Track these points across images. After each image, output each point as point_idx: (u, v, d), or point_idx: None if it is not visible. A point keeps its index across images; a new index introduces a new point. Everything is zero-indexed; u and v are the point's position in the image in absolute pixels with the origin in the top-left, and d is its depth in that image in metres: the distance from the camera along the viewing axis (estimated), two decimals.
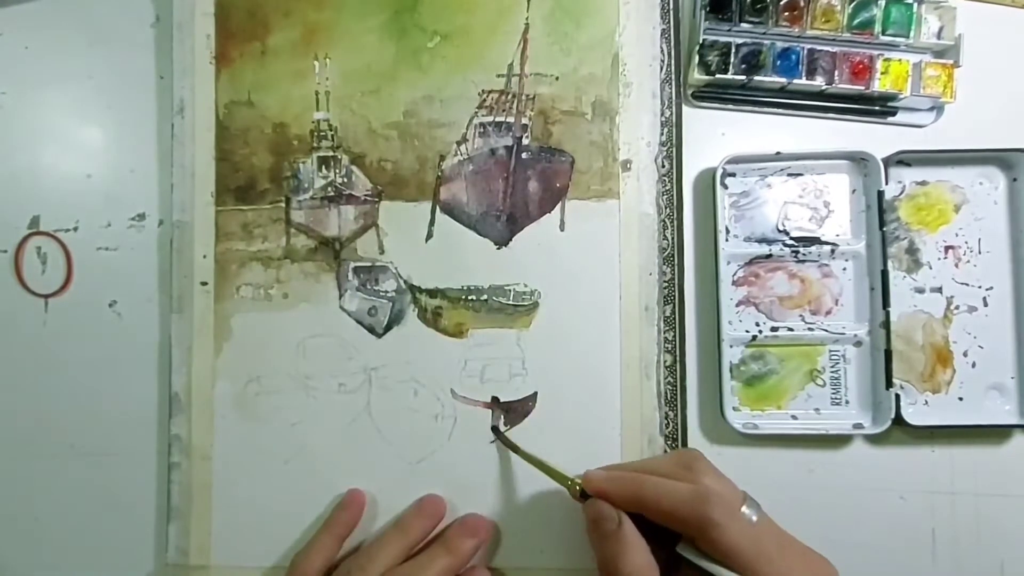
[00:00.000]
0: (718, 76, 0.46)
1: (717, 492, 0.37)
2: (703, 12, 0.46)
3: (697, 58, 0.46)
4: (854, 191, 0.47)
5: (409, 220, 0.48)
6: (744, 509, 0.37)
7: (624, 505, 0.39)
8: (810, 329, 0.47)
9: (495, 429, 0.46)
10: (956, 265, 0.47)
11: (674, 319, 0.47)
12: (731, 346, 0.47)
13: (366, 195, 0.48)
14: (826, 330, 0.47)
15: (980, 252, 0.47)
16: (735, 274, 0.48)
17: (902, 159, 0.47)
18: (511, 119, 0.47)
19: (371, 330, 0.48)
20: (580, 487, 0.41)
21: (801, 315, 0.47)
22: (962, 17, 0.46)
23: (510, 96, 0.47)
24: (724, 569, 0.36)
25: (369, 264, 0.48)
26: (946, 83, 0.46)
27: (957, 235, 0.47)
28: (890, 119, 0.48)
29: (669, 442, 0.46)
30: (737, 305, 0.48)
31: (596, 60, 0.47)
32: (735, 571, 0.36)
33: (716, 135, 0.48)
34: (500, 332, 0.47)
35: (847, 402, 0.47)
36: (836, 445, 0.47)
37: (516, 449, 0.45)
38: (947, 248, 0.47)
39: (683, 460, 0.40)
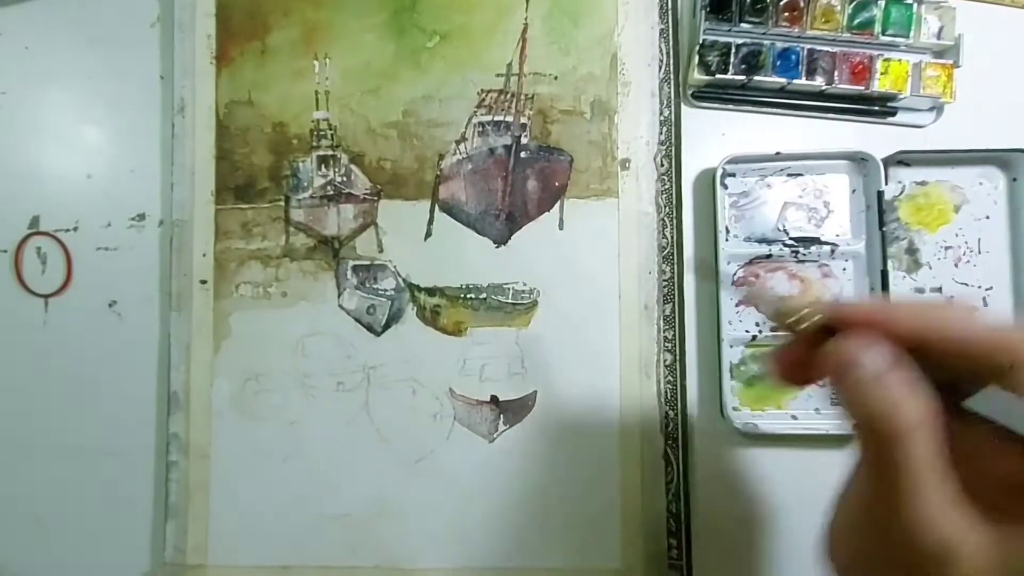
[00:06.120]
0: (718, 76, 0.46)
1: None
2: (703, 12, 0.46)
3: (697, 58, 0.46)
4: (854, 191, 0.47)
5: (408, 219, 0.48)
6: None
7: (899, 336, 0.28)
8: None
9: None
10: (956, 265, 0.47)
11: (674, 318, 0.47)
12: (731, 346, 0.47)
13: (365, 194, 0.48)
14: None
15: (980, 252, 0.47)
16: (735, 274, 0.48)
17: (902, 159, 0.47)
18: (510, 118, 0.47)
19: (370, 329, 0.48)
20: (814, 320, 0.29)
21: None
22: (962, 17, 0.46)
23: (509, 95, 0.47)
24: None
25: (368, 263, 0.48)
26: (946, 83, 0.46)
27: (957, 235, 0.47)
28: (890, 119, 0.48)
29: (669, 442, 0.46)
30: (737, 305, 0.47)
31: (595, 59, 0.47)
32: None
33: (716, 135, 0.48)
34: (499, 331, 0.47)
35: None
36: (836, 445, 0.47)
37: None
38: (947, 248, 0.47)
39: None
